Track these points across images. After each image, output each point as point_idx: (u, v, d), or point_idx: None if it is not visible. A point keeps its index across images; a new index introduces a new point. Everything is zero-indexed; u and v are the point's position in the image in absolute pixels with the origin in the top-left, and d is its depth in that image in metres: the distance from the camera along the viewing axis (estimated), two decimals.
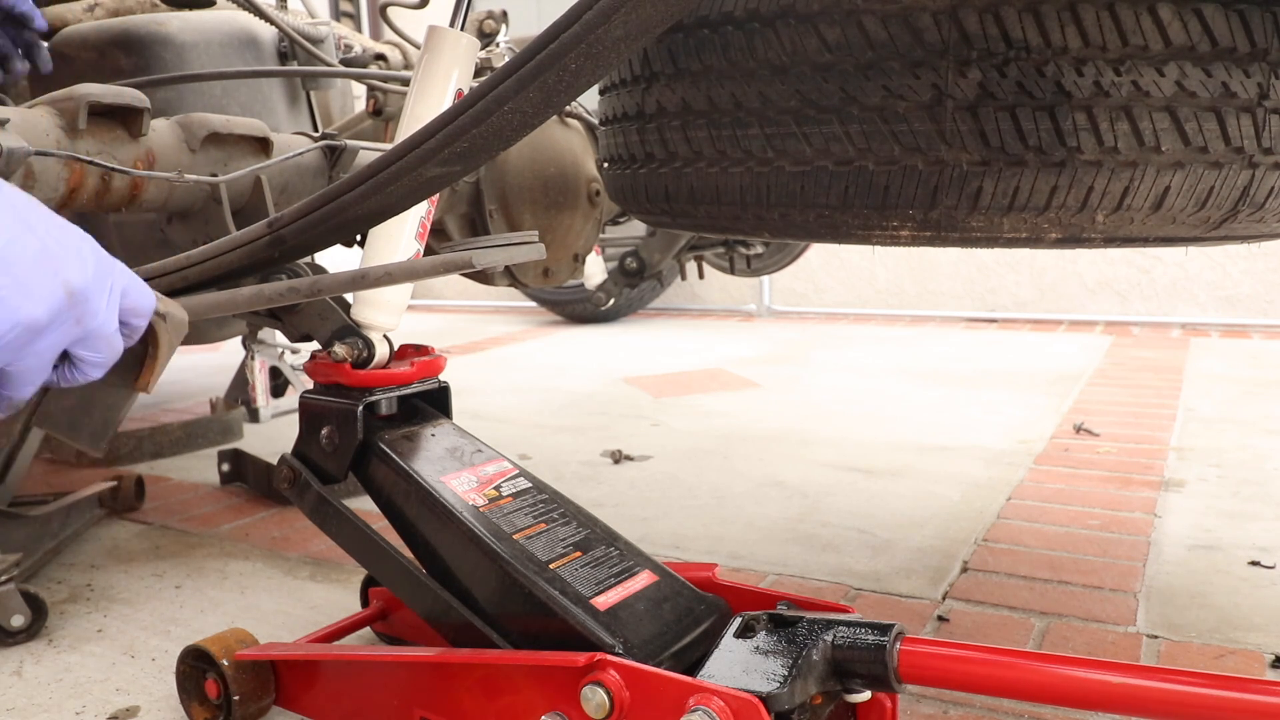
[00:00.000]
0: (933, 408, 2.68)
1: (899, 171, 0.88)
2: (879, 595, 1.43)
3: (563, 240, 1.89)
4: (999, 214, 0.87)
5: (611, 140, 1.14)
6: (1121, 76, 0.82)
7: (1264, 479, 1.96)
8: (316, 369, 1.11)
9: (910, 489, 1.95)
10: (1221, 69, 0.83)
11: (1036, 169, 0.84)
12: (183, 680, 1.14)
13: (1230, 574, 1.48)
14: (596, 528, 1.06)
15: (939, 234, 0.91)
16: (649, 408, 2.78)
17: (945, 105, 0.84)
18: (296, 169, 1.40)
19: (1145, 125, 0.83)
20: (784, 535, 1.70)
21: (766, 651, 0.86)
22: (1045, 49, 0.82)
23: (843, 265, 4.80)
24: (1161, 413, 2.55)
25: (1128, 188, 0.85)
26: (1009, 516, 1.77)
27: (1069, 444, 2.26)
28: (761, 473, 2.09)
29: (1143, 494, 1.87)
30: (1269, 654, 1.22)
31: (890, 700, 0.93)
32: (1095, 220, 0.88)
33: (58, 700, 1.20)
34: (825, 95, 0.88)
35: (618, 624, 0.91)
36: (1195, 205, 0.88)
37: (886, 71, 0.85)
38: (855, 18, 0.85)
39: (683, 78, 0.98)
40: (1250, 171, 0.88)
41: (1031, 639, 1.28)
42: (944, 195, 0.87)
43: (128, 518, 1.91)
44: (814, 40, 0.88)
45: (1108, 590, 1.42)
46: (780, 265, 2.57)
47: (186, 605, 1.48)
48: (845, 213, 0.92)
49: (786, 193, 0.94)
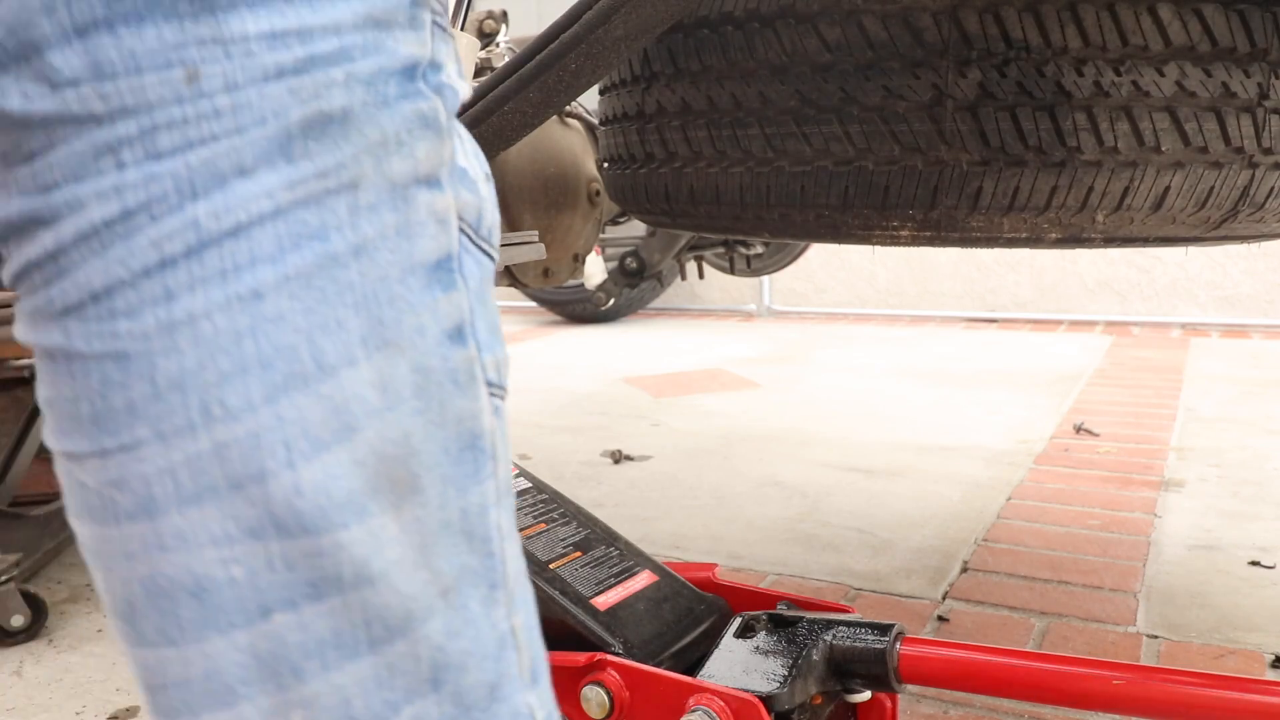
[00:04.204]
0: (933, 408, 2.68)
1: (899, 171, 0.88)
2: (879, 595, 1.43)
3: (563, 240, 1.89)
4: (999, 214, 0.87)
5: (611, 140, 1.14)
6: (1121, 76, 0.82)
7: (1264, 479, 1.96)
8: None
9: (910, 489, 1.95)
10: (1221, 69, 0.83)
11: (1036, 169, 0.84)
12: None
13: (1230, 574, 1.48)
14: (596, 528, 1.06)
15: (939, 234, 0.91)
16: (649, 408, 2.78)
17: (945, 105, 0.84)
18: None
19: (1145, 125, 0.83)
20: (784, 535, 1.70)
21: (766, 651, 0.87)
22: (1045, 49, 0.82)
23: (843, 265, 4.80)
24: (1161, 413, 2.55)
25: (1128, 188, 0.85)
26: (1009, 516, 1.77)
27: (1069, 444, 2.26)
28: (761, 473, 2.09)
29: (1143, 494, 1.87)
30: (1269, 654, 1.22)
31: (890, 700, 0.93)
32: (1095, 220, 0.88)
33: (58, 700, 1.20)
34: (825, 95, 0.88)
35: (618, 624, 0.91)
36: (1195, 205, 0.88)
37: (886, 71, 0.85)
38: (855, 18, 0.85)
39: (682, 78, 0.98)
40: (1250, 171, 0.88)
41: (1031, 639, 1.28)
42: (944, 195, 0.87)
43: None
44: (814, 40, 0.88)
45: (1108, 590, 1.42)
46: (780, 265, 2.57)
47: None
48: (845, 213, 0.92)
49: (786, 193, 0.94)
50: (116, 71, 0.30)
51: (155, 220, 0.31)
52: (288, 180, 0.32)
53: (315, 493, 0.32)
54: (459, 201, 0.37)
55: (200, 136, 0.31)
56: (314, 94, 0.32)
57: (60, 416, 0.33)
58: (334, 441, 0.33)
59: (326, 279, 0.33)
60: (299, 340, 0.32)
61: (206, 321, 0.31)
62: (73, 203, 0.31)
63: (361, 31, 0.33)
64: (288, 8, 0.32)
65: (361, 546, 0.33)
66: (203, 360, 0.31)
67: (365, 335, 0.33)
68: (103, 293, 0.31)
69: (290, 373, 0.32)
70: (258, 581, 0.33)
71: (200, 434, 0.32)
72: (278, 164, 0.32)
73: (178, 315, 0.31)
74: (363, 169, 0.33)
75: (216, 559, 0.32)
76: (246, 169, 0.31)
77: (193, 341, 0.31)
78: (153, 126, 0.31)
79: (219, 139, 0.31)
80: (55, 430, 0.34)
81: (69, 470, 0.34)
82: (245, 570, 0.32)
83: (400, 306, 0.34)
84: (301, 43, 0.32)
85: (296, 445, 0.32)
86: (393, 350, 0.34)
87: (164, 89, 0.30)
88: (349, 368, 0.33)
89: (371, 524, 0.33)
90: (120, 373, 0.32)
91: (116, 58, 0.30)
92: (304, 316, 0.32)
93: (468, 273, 0.37)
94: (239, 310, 0.31)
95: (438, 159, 0.36)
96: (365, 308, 0.33)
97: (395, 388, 0.34)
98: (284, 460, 0.32)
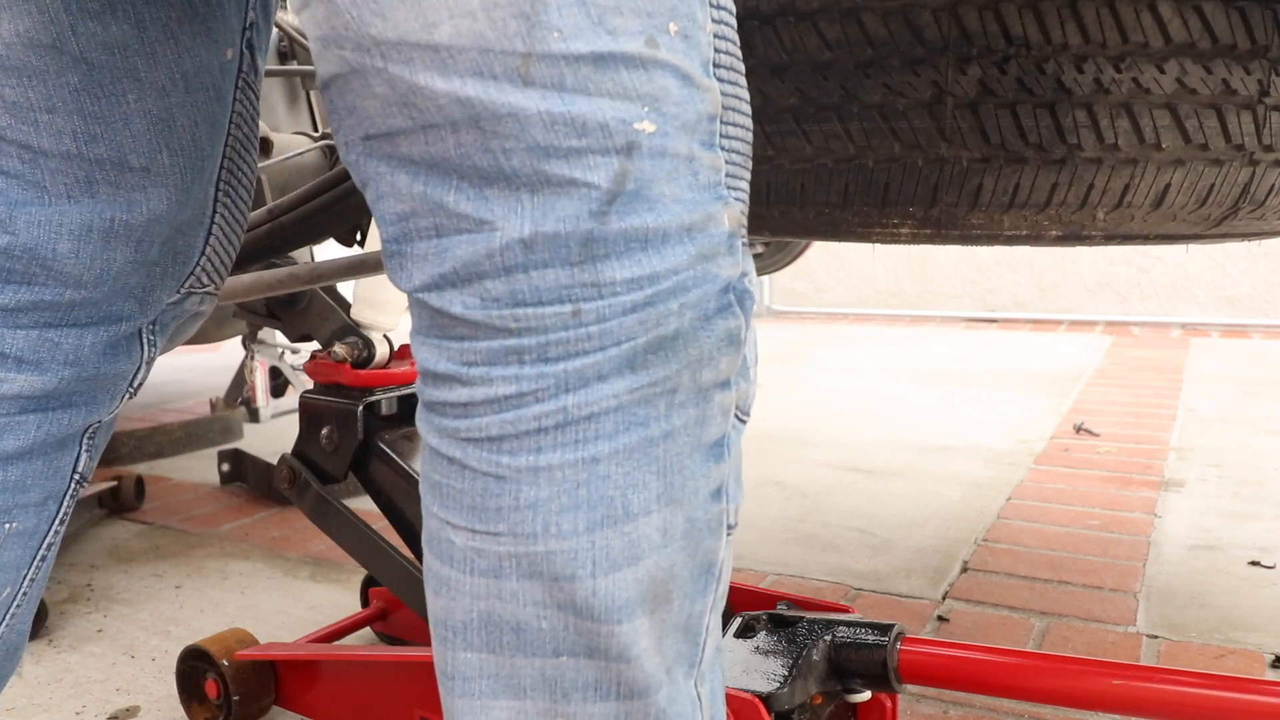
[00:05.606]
0: (933, 408, 2.68)
1: (899, 169, 0.87)
2: (879, 595, 1.43)
3: None
4: (999, 211, 0.87)
5: None
6: (1122, 73, 0.82)
7: (1264, 479, 1.96)
8: (316, 369, 1.11)
9: (910, 489, 1.95)
10: (1222, 66, 0.83)
11: (1037, 166, 0.84)
12: (183, 680, 1.14)
13: (1230, 574, 1.48)
14: None
15: (939, 231, 0.90)
16: None
17: (945, 102, 0.84)
18: (296, 168, 1.40)
19: (1146, 122, 0.83)
20: (784, 535, 1.70)
21: (767, 651, 0.86)
22: (1045, 46, 0.81)
23: (843, 265, 4.80)
24: (1161, 413, 2.55)
25: (1128, 185, 0.85)
26: (1009, 516, 1.77)
27: (1069, 444, 2.26)
28: (761, 473, 2.09)
29: (1143, 494, 1.87)
30: (1269, 654, 1.22)
31: (890, 700, 0.93)
32: (1096, 217, 0.87)
33: (58, 700, 1.20)
34: (825, 93, 0.88)
35: None
36: (1196, 202, 0.88)
37: (887, 69, 0.85)
38: (855, 15, 0.85)
39: None
40: (1251, 169, 0.88)
41: (1031, 639, 1.28)
42: (944, 192, 0.87)
43: (128, 518, 1.91)
44: (814, 38, 0.88)
45: (1108, 590, 1.42)
46: (780, 265, 2.57)
47: (186, 605, 1.48)
48: (845, 210, 0.92)
49: (787, 190, 0.94)
50: (527, 301, 0.44)
51: (539, 401, 0.45)
52: (630, 387, 0.45)
53: (604, 597, 0.46)
54: (739, 392, 0.50)
55: (577, 351, 0.45)
56: (656, 323, 0.45)
57: (444, 495, 0.49)
58: (625, 564, 0.47)
59: (642, 454, 0.46)
60: (616, 494, 0.46)
61: (560, 471, 0.46)
62: (484, 378, 0.46)
63: (694, 267, 0.46)
64: (644, 256, 0.44)
65: (626, 637, 0.47)
66: (552, 495, 0.46)
67: (660, 494, 0.47)
68: (496, 438, 0.46)
69: (607, 514, 0.46)
70: (556, 634, 0.47)
71: (539, 540, 0.46)
72: (625, 374, 0.45)
73: (541, 463, 0.46)
74: (681, 380, 0.47)
75: (534, 614, 0.47)
76: (604, 375, 0.45)
77: (548, 481, 0.46)
78: (546, 343, 0.44)
79: (589, 354, 0.45)
80: (438, 500, 0.49)
81: (441, 525, 0.49)
82: (550, 625, 0.47)
83: (686, 474, 0.48)
84: (651, 283, 0.45)
85: (600, 563, 0.46)
86: (675, 505, 0.48)
87: (557, 319, 0.44)
88: (645, 516, 0.47)
89: (636, 623, 0.47)
90: (497, 488, 0.47)
91: (528, 291, 0.44)
92: (623, 478, 0.46)
93: (732, 444, 0.51)
94: (581, 468, 0.46)
95: (733, 366, 0.49)
96: (664, 475, 0.47)
97: (672, 532, 0.48)
98: (589, 571, 0.46)
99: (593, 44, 0.42)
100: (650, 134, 0.44)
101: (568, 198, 0.44)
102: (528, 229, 0.44)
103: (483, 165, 0.44)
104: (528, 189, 0.44)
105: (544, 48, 0.42)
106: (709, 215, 0.46)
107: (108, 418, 0.70)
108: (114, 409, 0.70)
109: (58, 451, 0.66)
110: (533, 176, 0.44)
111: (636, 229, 0.44)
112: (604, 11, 0.43)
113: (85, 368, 0.64)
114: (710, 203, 0.47)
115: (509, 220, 0.44)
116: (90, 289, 0.62)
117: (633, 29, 0.43)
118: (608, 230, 0.44)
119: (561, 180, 0.43)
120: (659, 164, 0.44)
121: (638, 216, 0.44)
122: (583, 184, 0.43)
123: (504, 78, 0.42)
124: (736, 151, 0.50)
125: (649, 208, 0.44)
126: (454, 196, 0.45)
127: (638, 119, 0.44)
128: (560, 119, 0.43)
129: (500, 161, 0.44)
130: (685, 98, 0.45)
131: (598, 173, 0.43)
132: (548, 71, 0.42)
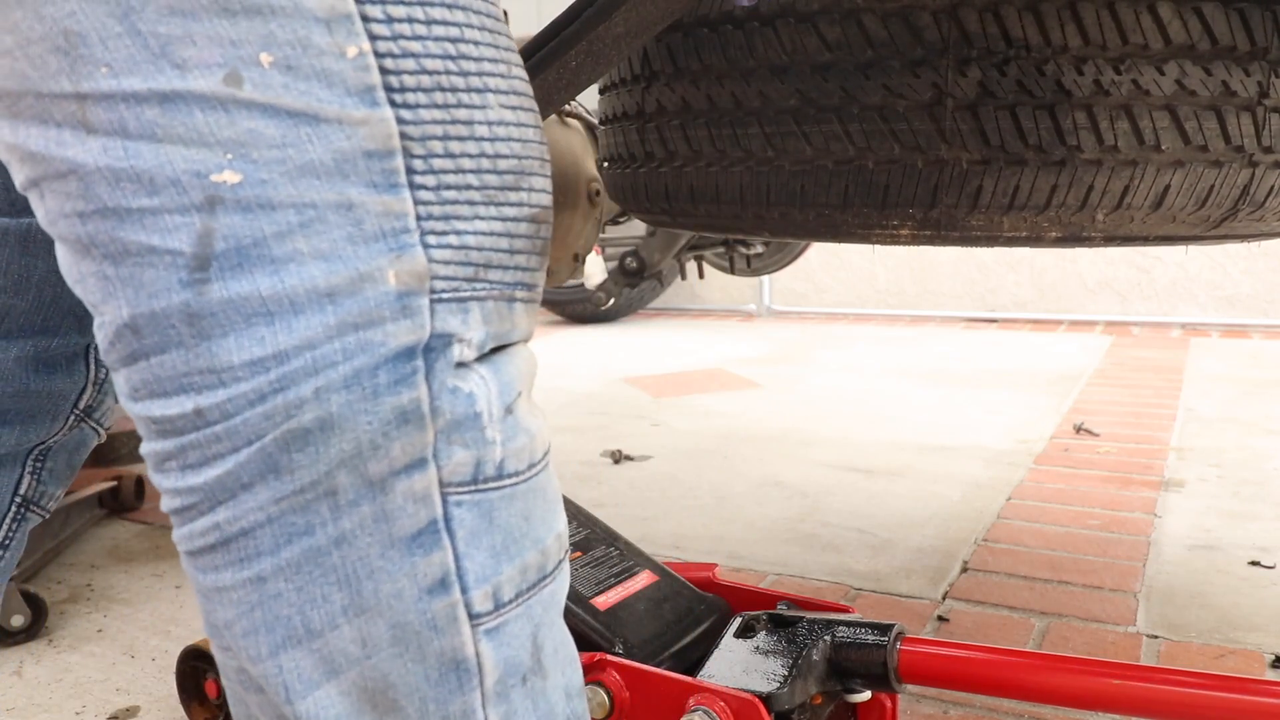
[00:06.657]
0: (933, 408, 2.68)
1: (899, 170, 0.88)
2: (879, 595, 1.43)
3: (562, 240, 1.89)
4: (999, 213, 0.87)
5: (611, 139, 1.14)
6: (1121, 75, 0.82)
7: (1264, 479, 1.96)
8: None
9: (910, 489, 1.95)
10: (1221, 67, 0.83)
11: (1037, 168, 0.84)
12: (183, 680, 1.14)
13: (1230, 574, 1.48)
14: (596, 528, 1.06)
15: (939, 233, 0.91)
16: (649, 408, 2.78)
17: (945, 104, 0.84)
18: None
19: (1145, 124, 0.83)
20: (784, 535, 1.70)
21: (767, 651, 0.86)
22: (1045, 48, 0.82)
23: (843, 265, 4.80)
24: (1161, 413, 2.55)
25: (1128, 186, 0.85)
26: (1009, 516, 1.77)
27: (1069, 444, 2.26)
28: (761, 473, 2.09)
29: (1143, 494, 1.87)
30: (1269, 654, 1.22)
31: (890, 700, 0.93)
32: (1095, 219, 0.88)
33: (58, 700, 1.20)
34: (825, 94, 0.88)
35: (618, 624, 0.91)
36: (1195, 204, 0.88)
37: (886, 70, 0.85)
38: (855, 17, 0.85)
39: (683, 77, 0.98)
40: (1250, 170, 0.88)
41: (1031, 639, 1.28)
42: (944, 194, 0.87)
43: (128, 518, 1.91)
44: (814, 39, 0.88)
45: (1108, 590, 1.42)
46: (780, 265, 2.57)
47: (186, 605, 1.48)
48: (845, 212, 0.92)
49: (786, 192, 0.94)
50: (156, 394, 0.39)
51: (201, 515, 0.41)
52: (275, 496, 0.40)
53: (312, 716, 0.43)
54: (451, 465, 0.42)
55: (211, 456, 0.39)
56: (286, 414, 0.38)
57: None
58: (324, 680, 0.42)
59: (314, 565, 0.41)
60: (293, 613, 0.41)
61: (233, 592, 0.42)
62: (162, 487, 0.42)
63: (338, 338, 0.38)
64: (266, 332, 0.37)
65: None
66: (235, 617, 0.42)
67: (346, 605, 0.42)
68: (189, 553, 0.42)
69: (287, 635, 0.42)
70: None
71: (241, 662, 0.44)
72: (269, 480, 0.39)
73: (220, 583, 0.42)
74: (338, 480, 0.40)
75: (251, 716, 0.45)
76: (246, 484, 0.39)
77: (229, 603, 0.42)
78: (182, 448, 0.40)
79: (223, 458, 0.39)
80: None
81: None
82: None
83: (380, 578, 0.42)
84: (278, 363, 0.38)
85: (294, 686, 0.42)
86: (372, 614, 0.42)
87: (182, 419, 0.39)
88: (332, 631, 0.42)
89: None
90: (205, 604, 0.44)
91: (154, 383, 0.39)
92: (296, 594, 0.41)
93: (457, 525, 0.43)
94: (251, 589, 0.41)
95: (417, 449, 0.41)
96: (347, 584, 0.41)
97: (375, 641, 0.42)
98: (284, 698, 0.42)
99: (152, 81, 0.36)
100: (235, 185, 0.37)
101: (152, 267, 0.37)
102: (125, 311, 0.38)
103: (68, 235, 0.38)
104: (110, 261, 0.38)
105: (92, 85, 0.36)
106: (361, 274, 0.38)
107: (57, 439, 0.66)
108: (57, 430, 0.66)
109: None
110: (110, 245, 0.37)
111: (247, 297, 0.37)
112: (167, 42, 0.36)
113: (11, 382, 0.61)
114: (375, 257, 0.39)
115: (107, 303, 0.38)
116: (10, 295, 0.59)
117: (208, 61, 0.36)
118: (209, 301, 0.37)
119: (140, 248, 0.37)
120: (262, 218, 0.37)
121: (247, 281, 0.37)
122: (163, 250, 0.37)
123: (65, 125, 0.37)
124: (468, 186, 0.41)
125: (268, 270, 0.37)
126: (73, 277, 0.40)
127: (216, 170, 0.37)
128: (125, 174, 0.36)
129: (78, 230, 0.38)
130: (296, 139, 0.37)
131: (178, 235, 0.37)
132: (106, 116, 0.36)
